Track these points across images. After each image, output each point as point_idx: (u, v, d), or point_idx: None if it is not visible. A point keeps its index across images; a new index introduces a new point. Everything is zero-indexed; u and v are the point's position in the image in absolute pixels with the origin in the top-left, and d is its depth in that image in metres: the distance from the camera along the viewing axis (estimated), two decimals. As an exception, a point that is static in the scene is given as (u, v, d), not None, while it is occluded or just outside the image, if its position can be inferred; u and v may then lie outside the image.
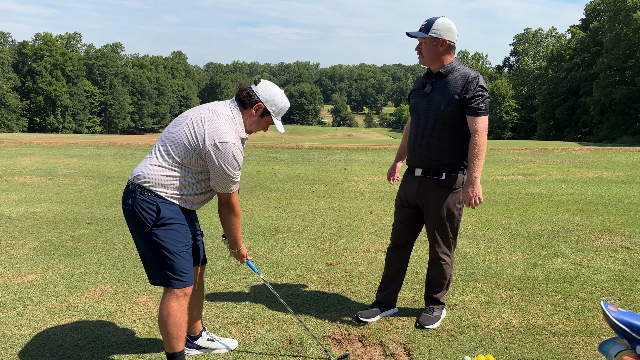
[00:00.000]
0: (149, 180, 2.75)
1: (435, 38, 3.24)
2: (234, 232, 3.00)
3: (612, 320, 1.95)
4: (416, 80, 3.58)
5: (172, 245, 2.76)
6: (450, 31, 3.27)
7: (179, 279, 2.79)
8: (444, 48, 3.26)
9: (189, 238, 2.88)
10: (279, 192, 8.41)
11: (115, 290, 4.24)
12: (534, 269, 4.74)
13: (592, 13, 54.00)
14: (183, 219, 2.83)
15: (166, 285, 2.81)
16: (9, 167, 10.58)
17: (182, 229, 2.82)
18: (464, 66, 3.38)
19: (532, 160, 12.37)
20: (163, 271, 2.79)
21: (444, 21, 3.26)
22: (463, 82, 3.25)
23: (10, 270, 4.68)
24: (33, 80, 74.53)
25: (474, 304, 3.98)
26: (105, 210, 7.00)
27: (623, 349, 1.93)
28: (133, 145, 14.48)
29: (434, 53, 3.28)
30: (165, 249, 2.75)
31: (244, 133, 2.85)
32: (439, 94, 3.32)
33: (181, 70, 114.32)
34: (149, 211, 2.73)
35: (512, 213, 6.91)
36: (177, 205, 2.79)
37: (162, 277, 2.80)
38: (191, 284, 2.86)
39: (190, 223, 2.95)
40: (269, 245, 5.48)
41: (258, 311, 3.85)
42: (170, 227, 2.76)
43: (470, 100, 3.22)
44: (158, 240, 2.75)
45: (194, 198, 2.85)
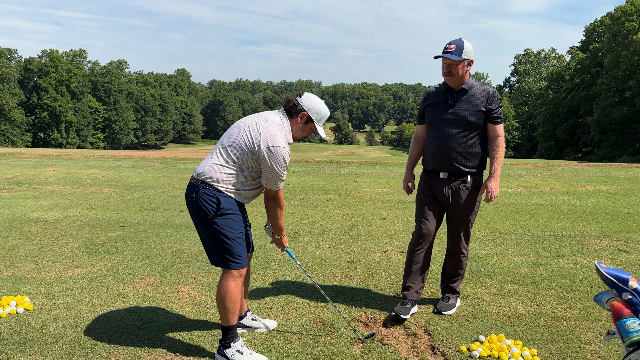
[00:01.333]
0: (210, 176, 3.22)
1: (466, 59, 3.71)
2: (278, 221, 3.47)
3: (603, 274, 2.40)
4: (429, 96, 3.97)
5: (230, 232, 3.22)
6: (472, 52, 3.76)
7: (235, 261, 3.24)
8: (469, 68, 3.77)
9: (243, 227, 3.33)
10: (296, 200, 8.87)
11: (159, 281, 4.68)
12: (538, 267, 5.18)
13: (592, 35, 54.97)
14: (238, 210, 3.29)
15: (225, 266, 3.26)
16: (35, 177, 11.07)
17: (237, 219, 3.28)
18: (478, 81, 3.89)
19: (535, 174, 12.85)
20: (222, 254, 3.24)
21: (469, 45, 3.74)
22: (485, 96, 3.77)
23: (59, 265, 5.12)
24: (38, 96, 75.59)
25: (485, 295, 4.42)
26: (135, 215, 7.46)
27: (612, 297, 2.40)
28: (150, 158, 15.00)
29: (464, 73, 3.74)
30: (224, 235, 3.21)
31: (291, 139, 3.32)
32: (465, 107, 3.77)
33: (185, 87, 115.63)
34: (211, 203, 3.19)
35: (517, 221, 7.36)
36: (233, 198, 3.26)
37: (221, 259, 3.25)
38: (245, 266, 3.31)
39: (242, 215, 3.41)
40: (292, 246, 5.93)
41: (291, 299, 4.28)
42: (228, 216, 3.22)
43: (494, 111, 3.77)
44: (218, 227, 3.20)
45: (246, 193, 3.31)
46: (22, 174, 11.51)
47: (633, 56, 41.72)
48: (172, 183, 10.61)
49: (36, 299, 4.21)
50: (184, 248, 5.77)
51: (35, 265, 5.09)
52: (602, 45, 48.04)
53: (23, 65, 78.59)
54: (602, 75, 45.42)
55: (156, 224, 6.91)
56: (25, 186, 9.88)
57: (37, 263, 5.17)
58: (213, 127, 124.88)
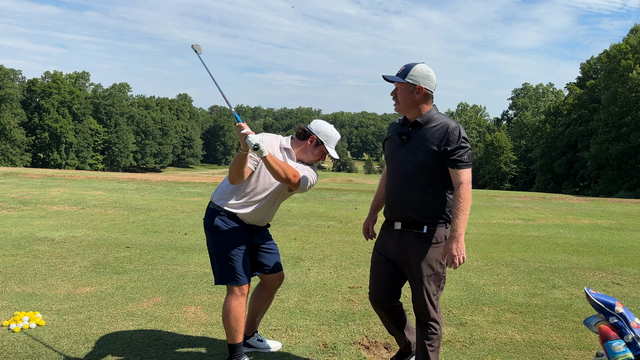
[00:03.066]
0: (213, 194, 3.56)
1: (412, 84, 3.03)
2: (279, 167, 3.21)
3: (592, 299, 2.58)
4: (390, 127, 3.36)
5: (227, 249, 3.37)
6: (428, 79, 3.05)
7: (233, 278, 3.36)
8: (420, 96, 3.04)
9: (243, 245, 3.42)
10: (297, 226, 9.04)
11: (166, 301, 4.82)
12: (534, 297, 5.33)
13: (589, 71, 56.01)
14: (237, 228, 3.41)
15: (223, 282, 3.40)
16: (40, 197, 11.24)
17: (236, 237, 3.40)
18: (444, 115, 3.15)
19: (531, 207, 13.06)
20: (221, 271, 3.40)
21: (423, 68, 3.06)
22: (442, 133, 3.02)
23: (68, 284, 5.26)
24: (40, 116, 76.23)
25: (482, 322, 4.56)
26: (140, 236, 7.61)
27: (600, 320, 2.58)
28: (152, 181, 15.21)
29: (410, 100, 3.06)
30: (221, 253, 3.39)
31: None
32: (417, 144, 3.07)
33: (186, 112, 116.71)
34: (209, 220, 3.45)
35: (513, 252, 7.53)
36: (234, 214, 3.42)
37: (220, 276, 3.41)
38: (245, 283, 3.38)
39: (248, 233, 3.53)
40: (295, 270, 6.08)
41: (294, 321, 4.42)
42: (225, 234, 3.39)
43: (453, 152, 3.00)
44: (216, 245, 3.42)
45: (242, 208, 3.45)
46: (27, 194, 11.67)
47: (629, 93, 42.48)
48: (175, 206, 10.78)
49: (47, 315, 4.34)
50: (189, 270, 5.91)
51: (45, 283, 5.22)
52: (598, 81, 48.94)
53: (26, 86, 79.44)
54: (599, 111, 46.14)
55: (161, 246, 7.06)
56: (31, 206, 10.04)
57: (47, 281, 5.30)
58: (212, 151, 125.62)
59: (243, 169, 3.23)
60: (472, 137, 79.73)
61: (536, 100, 75.16)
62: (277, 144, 3.47)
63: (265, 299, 3.78)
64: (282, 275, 3.75)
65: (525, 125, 71.66)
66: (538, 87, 77.64)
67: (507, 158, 65.15)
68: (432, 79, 3.10)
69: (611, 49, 48.04)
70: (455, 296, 5.28)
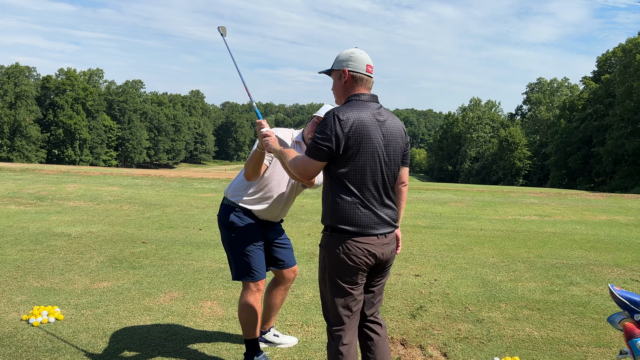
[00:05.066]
0: (226, 190, 3.57)
1: (338, 70, 2.75)
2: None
3: (616, 296, 2.54)
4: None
5: (241, 245, 3.37)
6: (351, 60, 2.70)
7: (248, 274, 3.37)
8: (346, 78, 2.71)
9: (257, 241, 3.42)
10: (310, 222, 9.03)
11: (182, 296, 4.84)
12: (551, 294, 5.28)
13: (604, 65, 55.27)
14: (251, 224, 3.42)
15: (238, 278, 3.41)
16: (56, 192, 11.36)
17: (250, 233, 3.40)
18: (356, 103, 2.67)
19: (547, 203, 12.93)
20: (236, 267, 3.40)
21: (346, 50, 2.76)
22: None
23: (86, 278, 5.31)
24: (54, 113, 76.92)
25: (499, 319, 4.52)
26: (156, 232, 7.66)
27: (624, 318, 2.54)
28: (167, 177, 15.31)
29: (339, 87, 2.77)
30: (235, 249, 3.39)
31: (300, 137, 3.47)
32: None
33: (198, 108, 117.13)
34: (223, 216, 3.46)
35: (530, 248, 7.46)
36: (249, 210, 3.42)
37: (235, 272, 3.41)
38: (261, 279, 3.39)
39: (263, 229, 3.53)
40: (309, 266, 6.07)
41: (310, 317, 4.42)
42: (239, 230, 3.39)
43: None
44: (230, 241, 3.42)
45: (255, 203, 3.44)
46: (43, 190, 11.81)
47: (645, 88, 41.85)
48: (189, 202, 10.83)
49: (66, 310, 4.38)
50: (205, 265, 5.93)
51: (63, 278, 5.28)
52: (614, 76, 48.27)
53: (41, 83, 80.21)
54: (614, 106, 45.54)
55: (176, 241, 7.10)
56: (48, 201, 10.15)
57: (64, 275, 5.36)
58: (225, 147, 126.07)
59: (260, 166, 3.22)
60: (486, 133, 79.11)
61: (551, 95, 74.37)
62: (289, 137, 3.47)
63: (280, 293, 3.78)
64: (296, 269, 3.75)
65: (539, 121, 70.98)
66: (552, 82, 76.81)
67: (521, 154, 64.64)
68: (359, 59, 2.69)
69: (627, 43, 47.36)
70: (472, 293, 5.25)
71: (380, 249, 2.66)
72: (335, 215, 2.62)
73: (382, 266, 2.75)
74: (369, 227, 2.61)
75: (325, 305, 2.74)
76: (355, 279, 2.64)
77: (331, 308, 2.70)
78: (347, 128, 2.52)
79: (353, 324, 2.70)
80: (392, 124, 2.70)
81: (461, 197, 13.59)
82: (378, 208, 2.65)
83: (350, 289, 2.65)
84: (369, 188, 2.61)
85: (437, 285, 5.45)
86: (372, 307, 2.85)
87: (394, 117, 2.77)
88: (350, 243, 2.60)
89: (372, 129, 2.59)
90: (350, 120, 2.53)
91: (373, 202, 2.63)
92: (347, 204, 2.59)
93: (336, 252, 2.61)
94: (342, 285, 2.64)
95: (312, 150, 2.56)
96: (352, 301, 2.67)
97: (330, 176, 2.63)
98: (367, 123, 2.58)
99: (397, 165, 2.74)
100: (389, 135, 2.67)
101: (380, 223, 2.65)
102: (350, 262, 2.60)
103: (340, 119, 2.52)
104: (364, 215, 2.60)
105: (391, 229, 2.72)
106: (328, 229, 2.67)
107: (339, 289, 2.65)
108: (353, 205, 2.59)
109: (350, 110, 2.57)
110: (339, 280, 2.64)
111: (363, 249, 2.61)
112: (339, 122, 2.52)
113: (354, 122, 2.54)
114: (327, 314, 2.74)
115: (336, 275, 2.63)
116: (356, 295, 2.68)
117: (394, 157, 2.70)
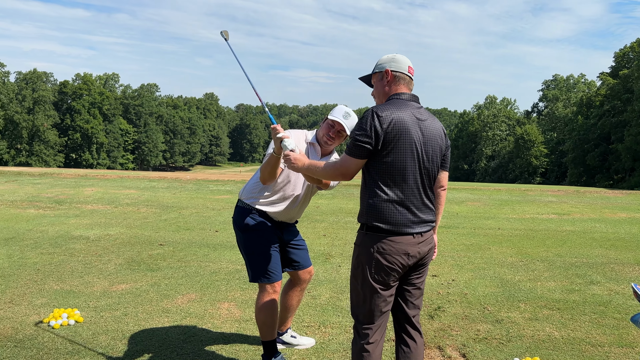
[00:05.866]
0: (241, 191, 3.56)
1: (379, 72, 2.79)
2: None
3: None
4: None
5: (256, 247, 3.38)
6: (394, 61, 2.77)
7: (264, 275, 3.36)
8: (389, 78, 2.74)
9: (272, 242, 3.41)
10: (326, 223, 9.03)
11: (200, 298, 4.87)
12: (571, 293, 5.20)
13: (622, 61, 54.40)
14: (266, 225, 3.41)
15: (254, 280, 3.41)
16: (74, 196, 11.51)
17: (265, 234, 3.39)
18: (396, 101, 2.72)
19: (565, 201, 12.76)
20: (252, 269, 3.41)
21: (388, 55, 2.82)
22: None
23: (104, 281, 5.36)
24: (72, 117, 77.89)
25: (518, 319, 4.47)
26: (173, 234, 7.72)
27: (650, 317, 2.48)
28: (183, 180, 15.43)
29: (381, 88, 2.80)
30: (251, 250, 3.40)
31: (314, 138, 3.46)
32: None
33: (213, 110, 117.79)
34: (238, 218, 3.47)
35: (548, 247, 7.36)
36: (264, 211, 3.42)
37: (251, 273, 3.41)
38: (276, 280, 3.38)
39: (277, 230, 3.53)
40: (325, 267, 6.06)
41: (327, 318, 4.41)
42: (253, 232, 3.39)
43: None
44: (245, 242, 3.43)
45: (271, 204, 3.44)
46: (62, 193, 11.97)
47: (665, 83, 41.08)
48: (205, 204, 10.89)
49: (85, 312, 4.43)
50: (221, 267, 5.95)
51: (82, 280, 5.34)
52: (631, 71, 47.49)
53: (58, 88, 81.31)
54: (632, 102, 44.80)
55: (193, 243, 7.14)
56: (67, 205, 10.28)
57: (84, 278, 5.42)
58: (239, 149, 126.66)
59: (276, 170, 3.22)
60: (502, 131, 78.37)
61: (567, 92, 73.41)
62: (303, 139, 3.46)
63: (296, 294, 3.78)
64: (311, 270, 3.75)
65: (556, 118, 70.11)
66: (569, 78, 75.81)
67: (537, 151, 63.92)
68: (401, 60, 2.76)
69: (645, 37, 46.47)
70: (491, 292, 5.19)
71: (415, 247, 2.63)
72: (370, 213, 2.59)
73: (418, 264, 2.73)
74: (404, 225, 2.59)
75: (355, 302, 2.72)
76: (388, 279, 2.63)
77: (361, 306, 2.68)
78: (386, 124, 2.51)
79: (381, 324, 2.69)
80: (432, 124, 2.69)
81: (478, 196, 13.48)
82: (415, 207, 2.62)
83: (382, 289, 2.64)
84: (406, 186, 2.58)
85: (455, 286, 5.41)
86: (413, 307, 2.81)
87: (434, 118, 2.75)
88: (385, 242, 2.58)
89: (411, 127, 2.57)
90: (389, 117, 2.53)
91: (411, 200, 2.60)
92: (383, 202, 2.56)
93: (370, 251, 2.60)
94: (374, 285, 2.63)
95: (351, 148, 2.56)
96: (382, 302, 2.66)
97: (368, 173, 2.62)
98: (406, 120, 2.56)
99: (436, 165, 2.71)
100: (429, 134, 2.65)
101: (416, 222, 2.63)
102: (384, 261, 2.58)
103: (379, 115, 2.52)
104: (400, 214, 2.57)
105: (427, 228, 2.70)
106: (363, 227, 2.65)
107: (370, 288, 2.64)
108: (389, 203, 2.56)
109: (389, 108, 2.57)
110: (371, 280, 2.62)
111: (398, 249, 2.59)
112: (377, 118, 2.52)
113: (393, 119, 2.53)
114: (356, 311, 2.72)
115: (369, 274, 2.62)
116: (386, 296, 2.67)
117: (433, 156, 2.67)
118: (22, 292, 4.93)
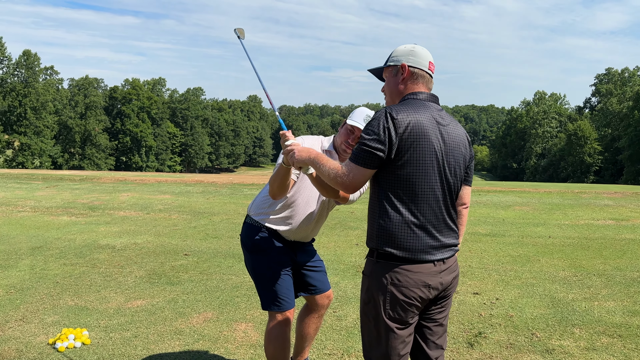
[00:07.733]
0: (249, 207, 3.18)
1: (394, 66, 2.35)
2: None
3: None
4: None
5: (265, 270, 2.99)
6: (412, 55, 2.31)
7: (274, 303, 2.97)
8: (405, 75, 2.30)
9: (283, 265, 3.01)
10: (360, 230, 8.56)
11: (216, 317, 4.51)
12: (634, 316, 4.55)
13: (683, 51, 51.26)
14: (275, 246, 3.01)
15: (264, 308, 3.03)
16: (109, 202, 11.48)
17: (274, 256, 3.00)
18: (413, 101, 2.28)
19: (624, 204, 11.78)
20: (261, 295, 3.02)
21: (406, 46, 2.37)
22: None
23: (121, 296, 5.09)
24: (122, 122, 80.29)
25: (572, 349, 3.89)
26: (200, 243, 7.44)
27: None
28: (218, 184, 15.27)
29: (394, 85, 2.36)
30: (258, 274, 3.02)
31: (331, 145, 3.03)
32: None
33: (256, 113, 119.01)
34: (245, 237, 3.10)
35: (606, 259, 6.64)
36: (273, 230, 3.01)
37: (261, 300, 3.04)
38: (288, 309, 2.99)
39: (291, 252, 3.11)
40: (355, 281, 5.61)
41: (351, 344, 3.96)
42: (261, 253, 3.00)
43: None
44: (253, 265, 3.06)
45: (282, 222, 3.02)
46: (97, 199, 11.98)
47: None
48: (237, 209, 10.62)
49: (94, 332, 4.16)
50: (244, 280, 5.60)
51: (98, 295, 5.09)
52: (695, 62, 44.59)
53: (108, 94, 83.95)
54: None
55: (219, 253, 6.82)
56: (99, 211, 10.22)
57: (100, 293, 5.17)
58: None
59: (286, 183, 2.79)
60: (552, 127, 75.49)
61: (622, 86, 69.86)
62: (319, 146, 3.03)
63: (313, 321, 3.35)
64: (330, 295, 3.32)
65: (610, 113, 66.82)
66: (624, 72, 72.14)
67: (591, 149, 61.16)
68: (421, 54, 2.30)
69: None
70: (540, 315, 4.60)
71: (437, 278, 2.17)
72: (381, 236, 2.15)
73: (440, 297, 2.26)
74: (422, 251, 2.14)
75: (368, 344, 2.27)
76: (406, 316, 2.16)
77: (375, 348, 2.24)
78: (402, 129, 2.08)
79: None
80: (454, 130, 2.24)
81: (526, 199, 12.66)
82: (435, 229, 2.16)
83: (399, 329, 2.18)
84: (425, 204, 2.14)
85: (499, 306, 4.84)
86: (435, 348, 2.32)
87: (457, 124, 2.29)
88: (401, 272, 2.13)
89: (431, 133, 2.13)
90: (405, 119, 2.09)
91: (430, 221, 2.15)
92: (397, 222, 2.12)
93: (383, 283, 2.14)
94: (389, 324, 2.17)
95: (358, 155, 2.10)
96: (400, 343, 2.19)
97: (378, 187, 2.17)
98: (426, 125, 2.13)
99: (459, 178, 2.25)
100: (451, 141, 2.20)
101: (437, 247, 2.17)
102: (400, 295, 2.13)
103: (394, 117, 2.08)
104: (417, 238, 2.13)
105: (450, 254, 2.23)
106: (373, 253, 2.20)
107: (385, 327, 2.18)
108: (404, 225, 2.12)
109: (406, 110, 2.13)
110: (386, 318, 2.17)
111: (416, 280, 2.13)
112: (392, 121, 2.08)
113: (410, 122, 2.09)
114: (370, 354, 2.27)
115: (382, 310, 2.16)
116: (405, 336, 2.20)
117: (456, 167, 2.21)
118: (35, 309, 4.72)
